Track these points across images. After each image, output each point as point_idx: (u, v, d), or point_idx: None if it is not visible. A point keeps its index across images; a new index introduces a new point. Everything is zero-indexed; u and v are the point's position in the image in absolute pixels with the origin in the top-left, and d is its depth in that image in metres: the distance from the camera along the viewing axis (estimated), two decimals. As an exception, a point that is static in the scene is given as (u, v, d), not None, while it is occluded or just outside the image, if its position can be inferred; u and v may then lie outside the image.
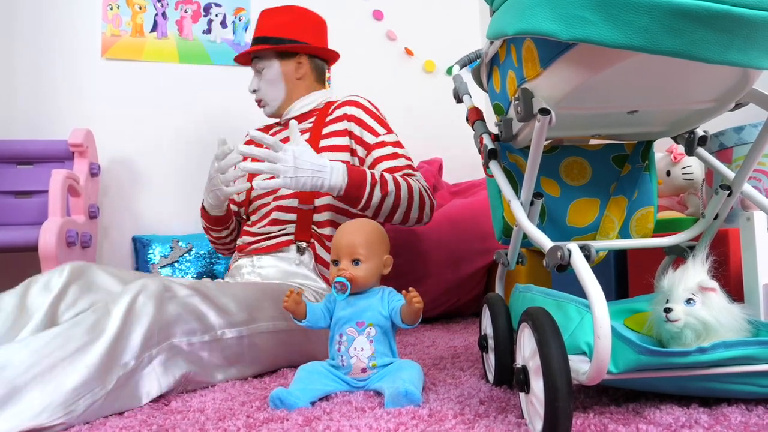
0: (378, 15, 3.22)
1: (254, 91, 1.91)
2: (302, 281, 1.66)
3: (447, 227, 2.29)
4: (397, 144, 1.79)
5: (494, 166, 1.10)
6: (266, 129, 2.02)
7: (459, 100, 1.30)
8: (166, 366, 1.17)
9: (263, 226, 1.75)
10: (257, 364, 1.39)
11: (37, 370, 0.97)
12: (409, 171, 1.74)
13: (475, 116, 1.19)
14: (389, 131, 1.81)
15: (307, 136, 1.81)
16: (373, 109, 1.83)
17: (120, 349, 1.09)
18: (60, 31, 2.77)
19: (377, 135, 1.78)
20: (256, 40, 1.88)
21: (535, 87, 0.90)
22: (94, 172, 2.53)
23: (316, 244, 1.69)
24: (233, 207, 1.98)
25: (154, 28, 2.86)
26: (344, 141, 1.77)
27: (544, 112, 0.86)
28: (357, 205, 1.59)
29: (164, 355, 1.17)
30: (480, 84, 1.22)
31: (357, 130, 1.77)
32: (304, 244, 1.69)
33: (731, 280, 1.18)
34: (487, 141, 1.13)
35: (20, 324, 1.17)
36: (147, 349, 1.14)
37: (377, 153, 1.75)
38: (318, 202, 1.72)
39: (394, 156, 1.75)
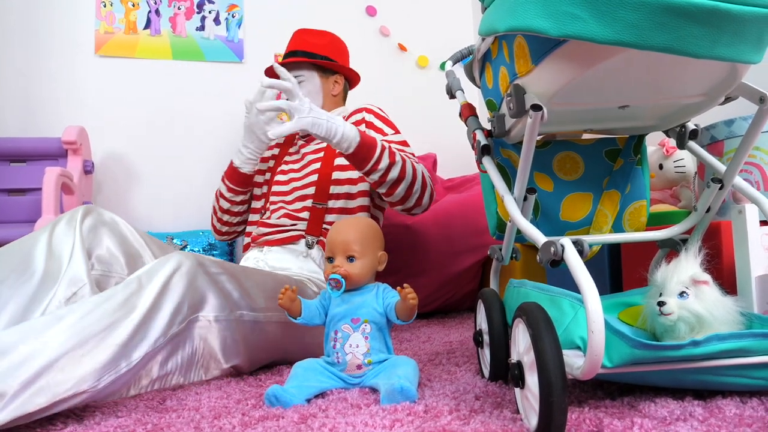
0: (371, 11, 3.21)
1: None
2: (308, 273, 1.71)
3: (441, 223, 2.29)
4: (403, 143, 1.85)
5: (487, 161, 1.10)
6: (287, 139, 2.06)
7: (452, 96, 1.30)
8: (180, 339, 1.22)
9: (278, 218, 1.81)
10: (262, 352, 1.41)
11: (69, 345, 1.00)
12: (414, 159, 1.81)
13: (468, 112, 1.20)
14: (396, 131, 1.89)
15: (323, 144, 1.89)
16: (383, 114, 1.94)
17: (149, 326, 1.14)
18: (53, 29, 2.76)
19: (384, 134, 1.85)
20: (299, 53, 1.97)
21: (527, 83, 0.90)
22: (87, 169, 2.53)
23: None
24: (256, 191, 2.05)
25: (148, 25, 2.85)
26: None
27: (536, 107, 0.86)
28: (365, 165, 1.61)
29: (185, 327, 1.22)
30: (473, 80, 1.22)
31: (366, 131, 1.83)
32: (313, 239, 1.75)
33: (724, 273, 1.18)
34: (480, 137, 1.13)
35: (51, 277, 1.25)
36: (174, 324, 1.19)
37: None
38: (332, 204, 1.81)
39: (400, 149, 1.81)
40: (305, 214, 1.80)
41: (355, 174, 1.84)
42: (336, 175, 1.84)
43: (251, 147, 1.89)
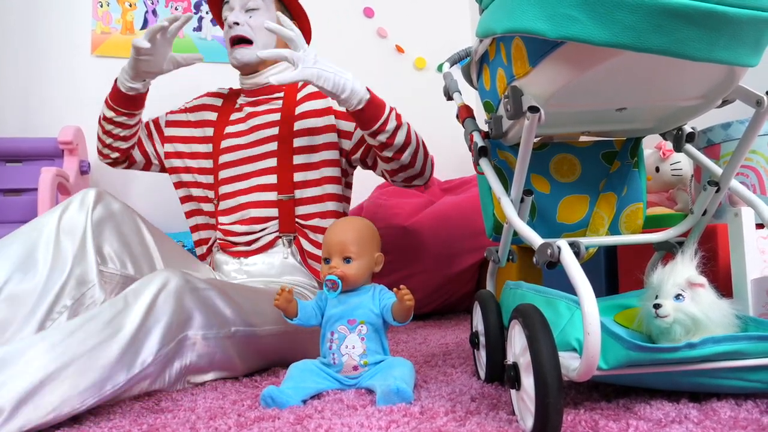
0: (368, 12, 3.22)
1: (235, 24, 1.65)
2: (291, 278, 1.63)
3: (438, 224, 2.29)
4: None
5: (484, 163, 1.10)
6: (226, 104, 1.82)
7: (449, 98, 1.30)
8: (169, 358, 1.17)
9: (243, 224, 1.65)
10: (258, 360, 1.39)
11: (54, 366, 0.96)
12: None
13: (465, 114, 1.20)
14: None
15: (278, 116, 1.69)
16: None
17: (137, 348, 1.09)
18: (50, 29, 2.75)
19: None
20: None
21: (524, 85, 0.90)
22: (83, 169, 2.52)
23: (301, 239, 1.64)
24: (198, 189, 1.78)
25: (145, 26, 2.85)
26: (313, 123, 1.67)
27: (534, 109, 0.86)
28: (373, 124, 1.49)
29: (174, 346, 1.18)
30: (470, 81, 1.22)
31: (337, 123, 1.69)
32: (290, 237, 1.64)
33: (720, 276, 1.19)
34: (478, 138, 1.13)
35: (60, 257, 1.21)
36: (164, 345, 1.14)
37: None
38: (299, 194, 1.65)
39: None
40: (273, 211, 1.64)
41: (314, 156, 1.67)
42: (297, 159, 1.66)
43: (133, 71, 1.59)
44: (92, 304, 1.23)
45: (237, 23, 1.65)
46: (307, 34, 1.78)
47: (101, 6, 2.80)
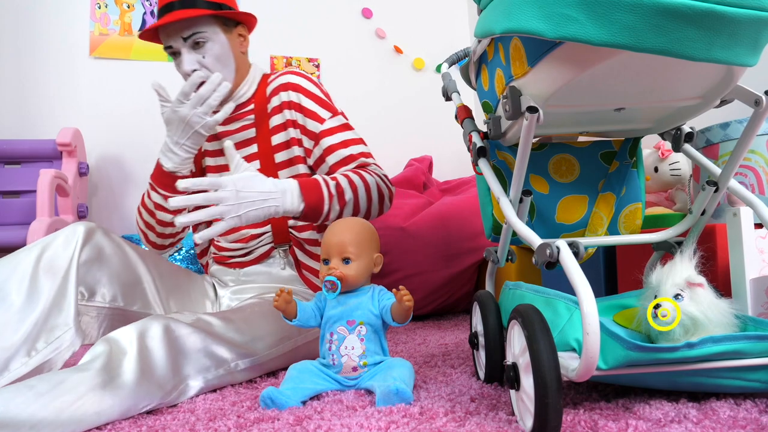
0: (367, 13, 3.22)
1: (194, 71, 1.52)
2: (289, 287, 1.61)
3: (437, 225, 2.30)
4: (346, 127, 1.59)
5: (483, 163, 1.10)
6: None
7: (448, 98, 1.30)
8: (172, 399, 1.14)
9: (236, 242, 1.63)
10: (259, 374, 1.38)
11: (42, 415, 0.91)
12: (363, 160, 1.57)
13: (464, 114, 1.20)
14: (334, 113, 1.60)
15: (253, 132, 1.63)
16: (313, 90, 1.61)
17: (138, 398, 1.05)
18: (48, 30, 2.75)
19: (322, 121, 1.57)
20: (186, 3, 1.50)
21: (522, 85, 0.90)
22: (82, 171, 2.53)
23: (296, 249, 1.62)
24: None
25: (143, 27, 2.85)
26: (289, 134, 1.59)
27: (532, 110, 0.87)
28: (316, 222, 1.46)
29: (176, 395, 1.14)
30: (469, 82, 1.22)
31: (300, 118, 1.58)
32: (285, 247, 1.62)
33: (718, 275, 1.19)
34: (476, 139, 1.13)
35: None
36: (166, 395, 1.11)
37: (326, 142, 1.55)
38: None
39: (345, 144, 1.56)
40: (265, 227, 1.61)
41: (300, 168, 1.61)
42: (282, 174, 1.60)
43: (188, 144, 1.50)
44: (69, 347, 1.17)
45: (195, 70, 1.52)
46: (251, 26, 1.67)
47: (99, 7, 2.80)
